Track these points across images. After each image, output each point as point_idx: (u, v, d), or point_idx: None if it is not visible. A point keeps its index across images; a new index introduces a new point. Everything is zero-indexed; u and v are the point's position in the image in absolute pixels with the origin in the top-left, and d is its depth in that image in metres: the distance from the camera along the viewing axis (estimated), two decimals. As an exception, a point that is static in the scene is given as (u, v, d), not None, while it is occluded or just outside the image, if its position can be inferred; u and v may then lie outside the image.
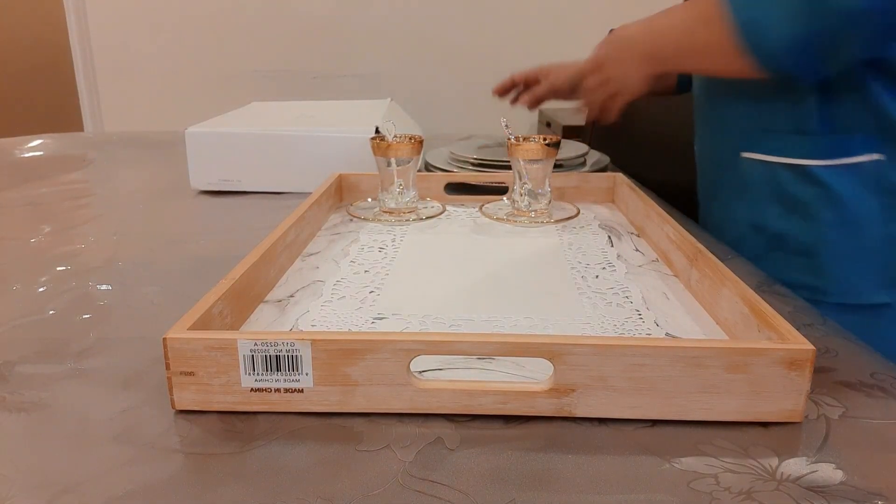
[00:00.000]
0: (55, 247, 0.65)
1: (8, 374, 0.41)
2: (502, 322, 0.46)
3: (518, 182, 0.67)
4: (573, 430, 0.35)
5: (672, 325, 0.45)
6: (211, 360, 0.35)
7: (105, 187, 0.92)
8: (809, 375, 0.34)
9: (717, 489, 0.30)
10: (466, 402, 0.35)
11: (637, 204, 0.67)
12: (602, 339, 0.34)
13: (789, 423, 0.35)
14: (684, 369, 0.34)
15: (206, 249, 0.64)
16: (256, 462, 0.32)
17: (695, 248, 0.50)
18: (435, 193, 0.77)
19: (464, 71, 2.53)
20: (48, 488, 0.30)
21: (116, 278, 0.57)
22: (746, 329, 0.40)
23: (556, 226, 0.67)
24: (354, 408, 0.36)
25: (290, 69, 2.52)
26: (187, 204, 0.82)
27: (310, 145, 0.85)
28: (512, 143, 0.65)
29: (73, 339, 0.45)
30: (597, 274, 0.55)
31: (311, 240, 0.64)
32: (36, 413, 0.37)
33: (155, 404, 0.37)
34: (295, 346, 0.35)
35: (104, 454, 0.33)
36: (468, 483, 0.30)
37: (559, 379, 0.35)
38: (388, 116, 0.94)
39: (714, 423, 0.35)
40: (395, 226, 0.68)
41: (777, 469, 0.31)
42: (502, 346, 0.35)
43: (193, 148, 0.85)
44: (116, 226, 0.73)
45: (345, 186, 0.78)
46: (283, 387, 0.36)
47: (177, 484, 0.30)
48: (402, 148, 0.66)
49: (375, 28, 2.49)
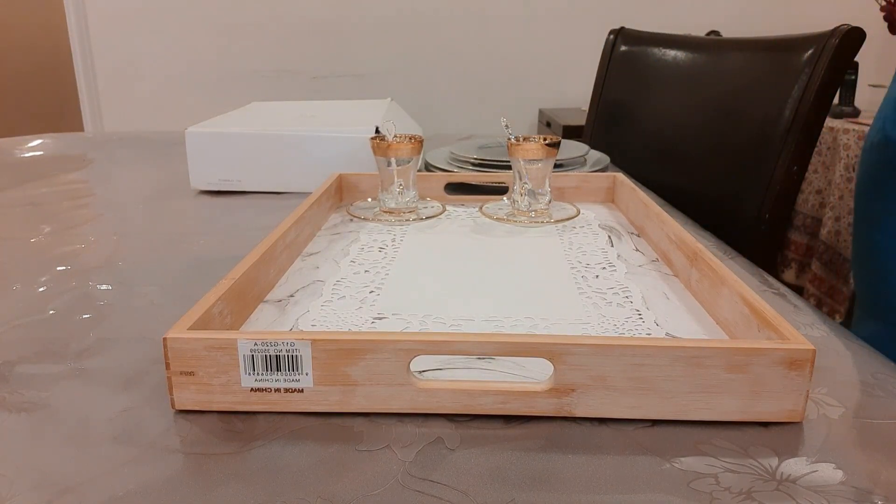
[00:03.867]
0: (55, 247, 0.65)
1: (8, 374, 0.41)
2: (502, 322, 0.46)
3: (518, 182, 0.67)
4: (573, 430, 0.35)
5: (672, 325, 0.45)
6: (211, 360, 0.35)
7: (105, 187, 0.92)
8: (810, 375, 0.34)
9: (717, 489, 0.30)
10: (466, 402, 0.35)
11: (637, 204, 0.67)
12: (602, 339, 0.34)
13: (789, 423, 0.35)
14: (684, 369, 0.34)
15: (206, 249, 0.64)
16: (256, 462, 0.32)
17: (695, 248, 0.50)
18: (435, 193, 0.77)
19: (464, 71, 2.53)
20: (48, 488, 0.30)
21: (116, 278, 0.57)
22: (746, 329, 0.40)
23: (556, 226, 0.67)
24: (354, 408, 0.36)
25: (290, 69, 2.52)
26: (187, 204, 0.82)
27: (310, 145, 0.85)
28: (512, 143, 0.65)
29: (73, 339, 0.45)
30: (597, 274, 0.55)
31: (311, 240, 0.64)
32: (36, 413, 0.37)
33: (155, 404, 0.37)
34: (295, 346, 0.35)
35: (104, 454, 0.33)
36: (468, 483, 0.30)
37: (559, 379, 0.35)
38: (388, 116, 0.94)
39: (714, 423, 0.35)
40: (395, 226, 0.68)
41: (777, 469, 0.31)
42: (502, 346, 0.35)
43: (193, 148, 0.85)
44: (116, 226, 0.73)
45: (345, 186, 0.78)
46: (283, 387, 0.36)
47: (177, 484, 0.30)
48: (402, 148, 0.66)
49: (375, 28, 2.49)
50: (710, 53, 1.12)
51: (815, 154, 1.96)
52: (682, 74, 1.15)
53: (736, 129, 1.00)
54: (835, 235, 1.90)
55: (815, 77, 0.89)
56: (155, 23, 2.47)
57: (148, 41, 2.49)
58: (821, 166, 1.98)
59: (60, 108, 2.88)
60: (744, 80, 1.02)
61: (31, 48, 3.00)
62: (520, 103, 2.54)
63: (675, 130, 1.14)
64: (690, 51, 1.16)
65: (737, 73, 1.03)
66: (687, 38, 1.20)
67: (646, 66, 1.23)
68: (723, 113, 1.04)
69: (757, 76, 0.99)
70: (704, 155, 1.07)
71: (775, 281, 0.57)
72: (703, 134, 1.08)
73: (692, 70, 1.13)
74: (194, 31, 2.48)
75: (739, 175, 0.98)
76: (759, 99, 0.97)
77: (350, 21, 2.48)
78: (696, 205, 0.95)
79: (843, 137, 1.88)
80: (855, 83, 2.10)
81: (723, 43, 1.16)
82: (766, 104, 0.95)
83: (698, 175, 1.07)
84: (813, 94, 0.89)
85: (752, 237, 0.95)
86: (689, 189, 1.06)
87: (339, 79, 2.52)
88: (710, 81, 1.09)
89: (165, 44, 2.49)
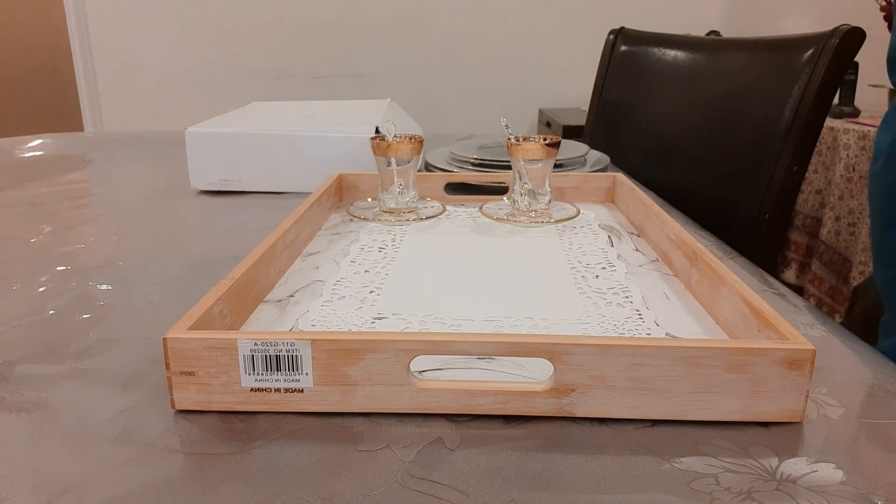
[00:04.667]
0: (55, 247, 0.65)
1: (8, 374, 0.41)
2: (502, 322, 0.46)
3: (518, 182, 0.67)
4: (573, 430, 0.35)
5: (672, 325, 0.45)
6: (211, 360, 0.35)
7: (105, 187, 0.92)
8: (810, 375, 0.34)
9: (717, 489, 0.30)
10: (466, 402, 0.35)
11: (637, 204, 0.67)
12: (602, 339, 0.34)
13: (789, 423, 0.35)
14: (684, 369, 0.34)
15: (206, 249, 0.64)
16: (256, 462, 0.32)
17: (695, 248, 0.50)
18: (435, 193, 0.77)
19: (464, 71, 2.53)
20: (48, 488, 0.30)
21: (116, 278, 0.57)
22: (746, 329, 0.40)
23: (556, 226, 0.67)
24: (354, 408, 0.36)
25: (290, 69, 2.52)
26: (187, 204, 0.82)
27: (310, 145, 0.85)
28: (512, 143, 0.65)
29: (73, 339, 0.45)
30: (597, 274, 0.55)
31: (311, 240, 0.64)
32: (36, 413, 0.37)
33: (155, 404, 0.37)
34: (295, 346, 0.35)
35: (104, 454, 0.33)
36: (468, 483, 0.30)
37: (559, 379, 0.35)
38: (388, 116, 0.94)
39: (714, 423, 0.35)
40: (395, 226, 0.68)
41: (777, 469, 0.31)
42: (502, 346, 0.35)
43: (193, 148, 0.85)
44: (116, 226, 0.73)
45: (345, 186, 0.78)
46: (283, 387, 0.36)
47: (177, 484, 0.30)
48: (402, 148, 0.66)
49: (375, 28, 2.49)
50: (710, 53, 1.12)
51: (815, 154, 1.96)
52: (682, 74, 1.15)
53: (736, 129, 1.00)
54: (835, 235, 1.90)
55: (815, 77, 0.89)
56: (155, 23, 2.47)
57: (148, 41, 2.49)
58: (821, 166, 1.98)
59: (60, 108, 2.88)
60: (744, 80, 1.02)
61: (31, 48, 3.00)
62: (520, 103, 2.54)
63: (674, 130, 1.14)
64: (690, 51, 1.16)
65: (737, 73, 1.03)
66: (687, 38, 1.20)
67: (646, 66, 1.23)
68: (723, 113, 1.04)
69: (757, 76, 0.99)
70: (704, 155, 1.07)
71: (775, 281, 0.57)
72: (702, 134, 1.08)
73: (692, 70, 1.13)
74: (194, 31, 2.48)
75: (739, 175, 0.98)
76: (759, 99, 0.97)
77: (350, 21, 2.48)
78: (696, 205, 0.95)
79: (843, 137, 1.88)
80: (855, 83, 2.10)
81: (723, 43, 1.16)
82: (766, 104, 0.95)
83: (698, 175, 1.07)
84: (813, 94, 0.89)
85: (752, 237, 0.95)
86: (689, 189, 1.06)
87: (339, 79, 2.52)
88: (710, 81, 1.09)
89: (165, 44, 2.49)
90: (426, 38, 2.50)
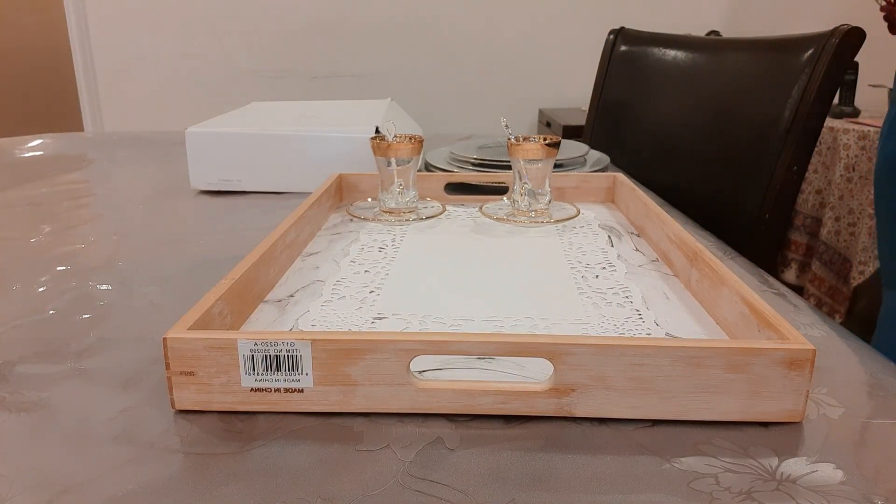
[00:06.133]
0: (55, 247, 0.65)
1: (8, 374, 0.41)
2: (502, 322, 0.46)
3: (518, 182, 0.67)
4: (573, 430, 0.35)
5: (672, 325, 0.45)
6: (211, 360, 0.35)
7: (105, 187, 0.92)
8: (810, 375, 0.34)
9: (717, 489, 0.30)
10: (466, 402, 0.35)
11: (637, 204, 0.67)
12: (602, 339, 0.34)
13: (789, 423, 0.35)
14: (684, 369, 0.34)
15: (206, 249, 0.64)
16: (256, 462, 0.32)
17: (695, 248, 0.50)
18: (435, 193, 0.77)
19: (464, 71, 2.53)
20: (48, 488, 0.30)
21: (116, 278, 0.57)
22: (746, 329, 0.40)
23: (556, 226, 0.67)
24: (354, 408, 0.36)
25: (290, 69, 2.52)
26: (187, 204, 0.82)
27: (310, 145, 0.85)
28: (512, 143, 0.65)
29: (73, 339, 0.45)
30: (597, 274, 0.55)
31: (311, 240, 0.64)
32: (36, 413, 0.37)
33: (155, 404, 0.37)
34: (295, 346, 0.35)
35: (104, 454, 0.33)
36: (468, 483, 0.30)
37: (559, 379, 0.35)
38: (388, 116, 0.94)
39: (714, 423, 0.35)
40: (395, 226, 0.68)
41: (777, 469, 0.31)
42: (502, 346, 0.35)
43: (193, 148, 0.85)
44: (116, 226, 0.73)
45: (345, 186, 0.78)
46: (283, 387, 0.36)
47: (177, 484, 0.30)
48: (402, 148, 0.66)
49: (375, 28, 2.49)
50: (710, 53, 1.12)
51: (815, 154, 1.96)
52: (682, 74, 1.15)
53: (736, 129, 1.00)
54: (835, 235, 1.90)
55: (815, 77, 0.89)
56: (155, 23, 2.47)
57: (148, 41, 2.48)
58: (821, 166, 1.98)
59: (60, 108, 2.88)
60: (744, 80, 1.02)
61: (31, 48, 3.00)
62: (520, 103, 2.54)
63: (674, 130, 1.14)
64: (690, 51, 1.16)
65: (737, 73, 1.03)
66: (687, 38, 1.20)
67: (646, 66, 1.23)
68: (723, 113, 1.04)
69: (757, 76, 0.99)
70: (704, 155, 1.07)
71: (775, 281, 0.57)
72: (702, 134, 1.08)
73: (692, 70, 1.13)
74: (194, 31, 2.48)
75: (739, 175, 0.98)
76: (759, 99, 0.97)
77: (350, 21, 2.48)
78: (696, 205, 0.95)
79: (843, 137, 1.88)
80: (855, 83, 2.10)
81: (723, 43, 1.16)
82: (765, 104, 0.95)
83: (698, 175, 1.07)
84: (813, 94, 0.89)
85: (752, 237, 0.95)
86: (689, 189, 1.06)
87: (339, 79, 2.52)
88: (710, 81, 1.09)
89: (165, 44, 2.49)
90: (426, 38, 2.50)
